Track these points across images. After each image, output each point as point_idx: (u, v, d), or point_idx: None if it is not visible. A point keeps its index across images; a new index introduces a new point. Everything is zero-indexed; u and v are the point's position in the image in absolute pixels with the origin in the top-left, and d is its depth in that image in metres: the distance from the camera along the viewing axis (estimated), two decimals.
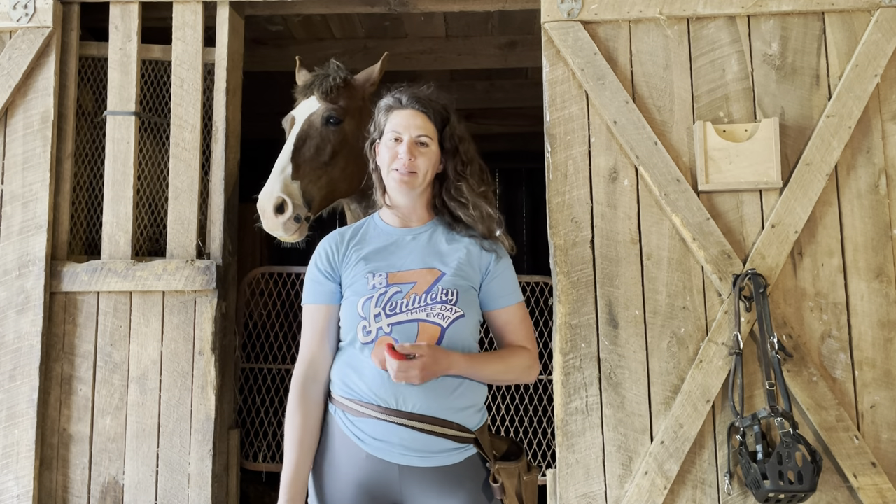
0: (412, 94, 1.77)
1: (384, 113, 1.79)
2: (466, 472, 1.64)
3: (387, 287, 1.66)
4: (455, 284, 1.68)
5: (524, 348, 1.78)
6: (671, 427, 2.22)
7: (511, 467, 1.69)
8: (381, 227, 1.80)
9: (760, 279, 2.23)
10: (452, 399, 1.64)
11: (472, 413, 1.68)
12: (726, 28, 2.42)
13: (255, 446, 2.97)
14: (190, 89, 2.55)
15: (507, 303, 1.78)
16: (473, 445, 1.65)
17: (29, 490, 2.34)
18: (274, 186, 2.20)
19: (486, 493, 1.66)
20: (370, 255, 1.73)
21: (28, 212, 2.47)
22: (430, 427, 1.60)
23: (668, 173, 2.32)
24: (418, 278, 1.68)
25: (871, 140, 2.34)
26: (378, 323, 1.63)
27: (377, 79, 2.51)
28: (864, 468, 2.17)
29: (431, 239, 1.76)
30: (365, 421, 1.62)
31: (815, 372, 2.22)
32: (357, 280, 1.69)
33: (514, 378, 1.80)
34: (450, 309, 1.65)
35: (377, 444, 1.60)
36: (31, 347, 2.40)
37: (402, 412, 1.60)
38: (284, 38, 3.65)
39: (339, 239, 1.78)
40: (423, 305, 1.64)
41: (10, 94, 2.49)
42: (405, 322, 1.63)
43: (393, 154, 1.72)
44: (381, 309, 1.64)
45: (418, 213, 1.80)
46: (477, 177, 1.81)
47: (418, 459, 1.61)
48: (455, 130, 1.79)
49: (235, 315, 2.67)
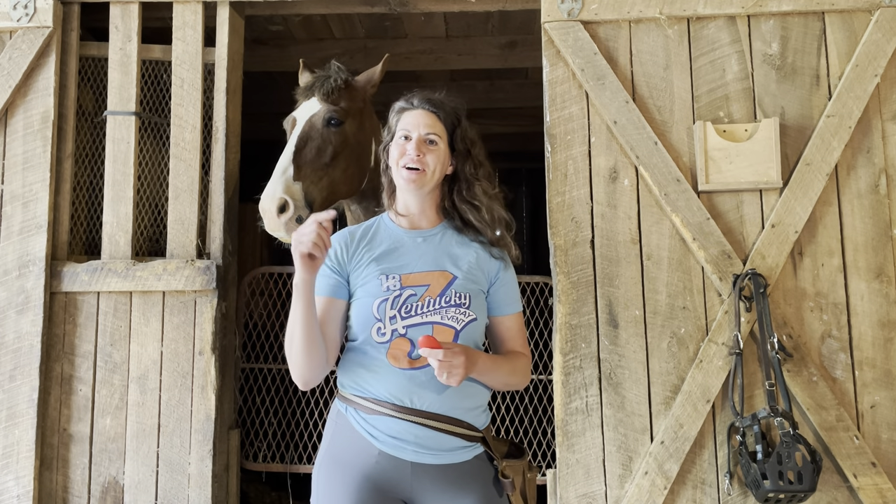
0: (423, 96, 1.80)
1: (396, 114, 1.82)
2: (475, 470, 1.68)
3: (401, 289, 1.67)
4: (467, 288, 1.70)
5: (524, 355, 1.82)
6: (671, 427, 2.22)
7: (517, 464, 1.74)
8: (391, 228, 1.81)
9: (760, 279, 2.23)
10: (463, 399, 1.67)
11: (479, 413, 1.72)
12: (726, 28, 2.42)
13: (255, 446, 2.97)
14: (190, 89, 2.55)
15: (511, 311, 1.80)
16: (481, 444, 1.70)
17: (29, 490, 2.34)
18: (276, 187, 2.21)
19: (496, 488, 1.69)
20: (381, 256, 1.73)
21: (28, 212, 2.47)
22: (443, 425, 1.63)
23: (668, 173, 2.32)
24: (431, 281, 1.69)
25: (872, 140, 2.34)
26: (393, 325, 1.65)
27: (378, 80, 2.51)
28: (864, 468, 2.17)
29: (442, 241, 1.78)
30: (379, 419, 1.63)
31: (815, 372, 2.22)
32: (369, 280, 1.69)
33: (516, 383, 1.82)
34: (464, 312, 1.68)
35: (391, 441, 1.62)
36: (31, 347, 2.40)
37: (417, 410, 1.62)
38: (284, 38, 3.66)
39: (348, 237, 1.79)
40: (437, 308, 1.66)
41: (11, 94, 2.49)
42: (420, 325, 1.65)
43: (401, 151, 1.74)
44: (396, 311, 1.65)
45: (428, 216, 1.81)
46: (488, 180, 1.83)
47: (431, 457, 1.63)
48: (467, 133, 1.82)
49: (235, 315, 2.67)
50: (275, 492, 3.25)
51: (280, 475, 3.16)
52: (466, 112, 1.85)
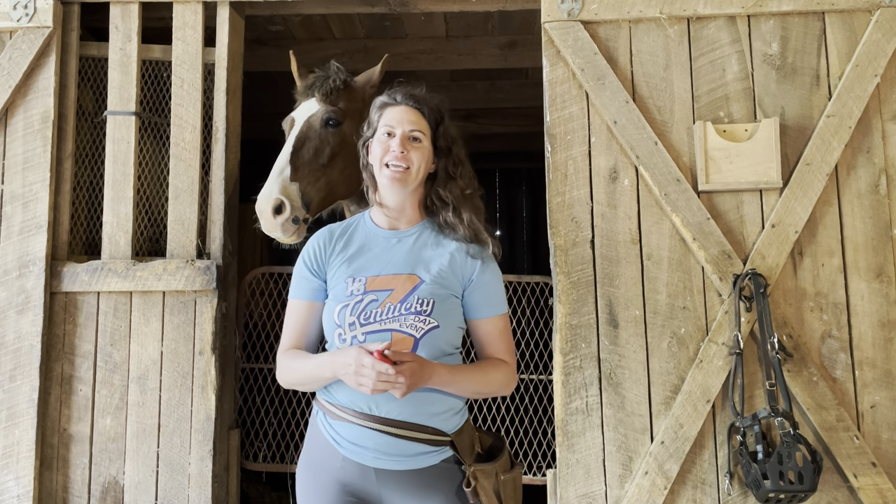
0: (406, 91, 1.77)
1: (378, 110, 1.78)
2: (442, 475, 1.64)
3: (363, 294, 1.65)
4: (432, 293, 1.65)
5: (503, 362, 1.74)
6: (671, 427, 2.22)
7: (488, 468, 1.67)
8: (369, 226, 1.79)
9: (761, 279, 2.23)
10: (427, 405, 1.63)
11: (448, 416, 1.67)
12: (726, 28, 2.42)
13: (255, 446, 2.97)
14: (190, 89, 2.55)
15: (489, 314, 1.74)
16: (450, 448, 1.65)
17: (29, 490, 2.34)
18: (272, 188, 2.21)
19: (460, 495, 1.65)
20: (353, 256, 1.72)
21: (28, 212, 2.47)
22: (404, 432, 1.60)
23: (668, 173, 2.32)
24: (396, 285, 1.66)
25: (872, 140, 2.34)
26: (353, 331, 1.63)
27: (377, 80, 2.51)
28: (864, 468, 2.17)
29: (416, 243, 1.75)
30: (342, 425, 1.63)
31: (815, 372, 2.22)
32: (338, 284, 1.69)
33: (490, 392, 1.78)
34: (423, 320, 1.62)
35: (352, 447, 1.62)
36: (32, 347, 2.40)
37: (377, 417, 1.60)
38: (285, 39, 3.65)
39: (327, 236, 1.78)
40: (396, 315, 1.62)
41: (11, 94, 2.49)
42: (379, 332, 1.62)
43: (385, 148, 1.71)
44: (355, 318, 1.63)
45: (408, 214, 1.78)
46: (467, 179, 1.79)
47: (392, 463, 1.61)
48: (449, 130, 1.79)
49: (235, 315, 2.67)
50: (275, 492, 3.25)
51: (280, 475, 3.16)
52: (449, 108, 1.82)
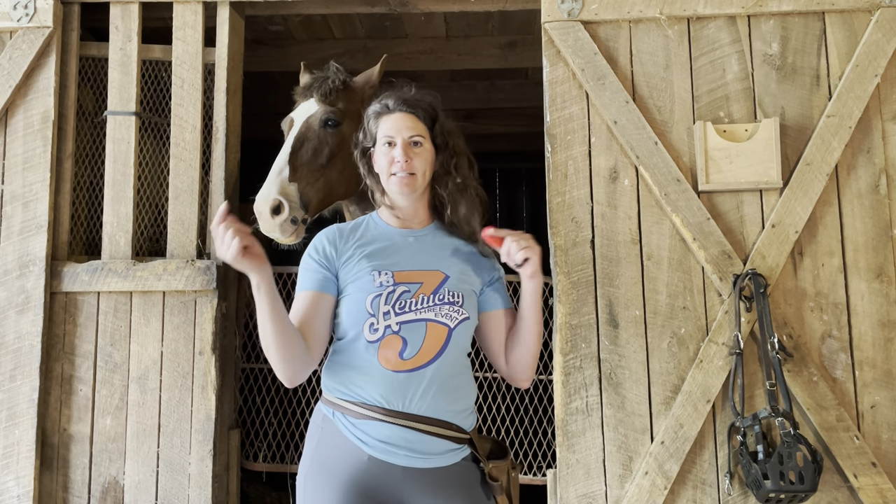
0: (397, 97, 1.78)
1: (374, 120, 1.79)
2: (463, 473, 1.67)
3: (395, 285, 1.66)
4: (460, 287, 1.70)
5: None
6: (671, 427, 2.22)
7: (502, 465, 1.72)
8: (381, 226, 1.80)
9: (761, 279, 2.23)
10: (453, 402, 1.67)
11: (467, 415, 1.72)
12: (726, 28, 2.42)
13: (255, 446, 2.97)
14: (190, 89, 2.55)
15: (509, 304, 1.83)
16: (468, 446, 1.69)
17: (29, 490, 2.34)
18: (270, 188, 2.21)
19: (483, 491, 1.68)
20: (373, 253, 1.72)
21: (28, 212, 2.47)
22: (433, 429, 1.61)
23: (668, 173, 2.32)
24: (424, 279, 1.69)
25: (872, 140, 2.34)
26: (387, 321, 1.63)
27: (376, 81, 2.50)
28: (864, 468, 2.17)
29: (432, 242, 1.78)
30: (368, 423, 1.61)
31: (815, 372, 2.22)
32: (361, 276, 1.68)
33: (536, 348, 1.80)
34: (457, 310, 1.67)
35: (382, 446, 1.60)
36: (32, 347, 2.40)
37: (408, 414, 1.60)
38: (285, 39, 3.65)
39: (337, 233, 1.78)
40: (431, 305, 1.65)
41: (11, 94, 2.49)
42: (414, 321, 1.63)
43: (389, 159, 1.73)
44: (390, 307, 1.63)
45: (419, 216, 1.81)
46: (464, 170, 1.81)
47: (421, 461, 1.62)
48: (444, 126, 1.80)
49: (236, 315, 2.67)
50: (275, 492, 3.24)
51: (280, 475, 3.15)
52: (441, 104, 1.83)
